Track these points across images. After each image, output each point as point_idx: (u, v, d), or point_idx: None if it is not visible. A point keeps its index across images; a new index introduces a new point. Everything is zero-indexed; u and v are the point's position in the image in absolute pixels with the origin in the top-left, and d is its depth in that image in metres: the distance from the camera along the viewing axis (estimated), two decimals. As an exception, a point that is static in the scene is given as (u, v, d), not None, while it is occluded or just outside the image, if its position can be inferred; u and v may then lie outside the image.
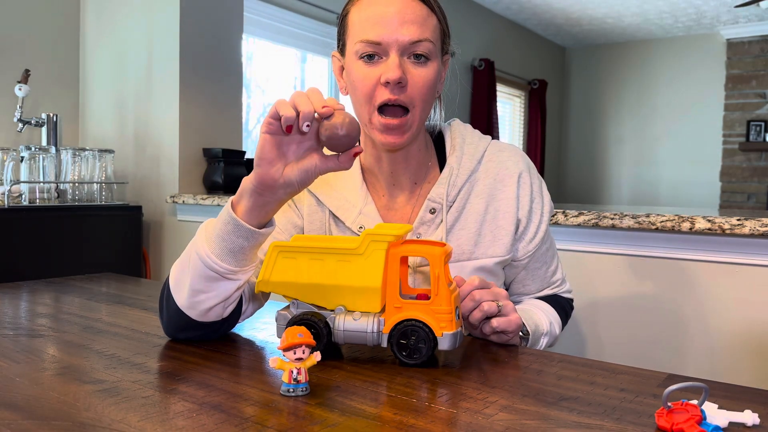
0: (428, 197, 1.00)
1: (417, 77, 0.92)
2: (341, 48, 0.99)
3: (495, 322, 0.87)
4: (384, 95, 0.92)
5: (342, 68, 1.00)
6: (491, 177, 1.03)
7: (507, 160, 1.04)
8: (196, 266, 0.82)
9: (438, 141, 1.08)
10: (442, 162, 1.05)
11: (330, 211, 1.02)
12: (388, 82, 0.90)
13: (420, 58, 0.92)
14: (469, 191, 1.02)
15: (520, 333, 0.94)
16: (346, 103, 0.95)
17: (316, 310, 0.81)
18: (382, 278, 0.79)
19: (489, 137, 1.08)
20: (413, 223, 1.01)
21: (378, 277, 0.78)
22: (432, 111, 1.04)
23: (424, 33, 0.91)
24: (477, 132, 1.09)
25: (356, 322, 0.79)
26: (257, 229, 0.81)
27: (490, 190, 1.02)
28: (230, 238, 0.80)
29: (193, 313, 0.85)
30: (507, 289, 1.13)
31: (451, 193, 1.00)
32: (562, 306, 1.11)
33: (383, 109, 0.93)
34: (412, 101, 0.93)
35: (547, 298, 1.10)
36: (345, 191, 1.02)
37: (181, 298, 0.85)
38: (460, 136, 1.06)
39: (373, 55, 0.92)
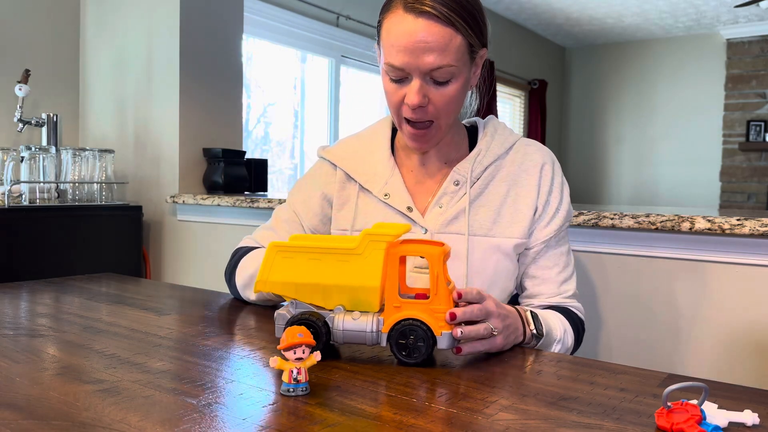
0: (454, 169, 1.08)
1: (439, 97, 0.98)
2: (378, 49, 1.04)
3: (480, 346, 0.83)
4: (408, 113, 1.00)
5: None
6: (516, 165, 1.09)
7: (533, 153, 1.10)
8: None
9: (472, 132, 1.15)
10: (473, 148, 1.12)
11: (359, 184, 1.12)
12: (408, 105, 0.98)
13: (441, 82, 0.97)
14: (493, 174, 1.08)
15: (533, 331, 0.93)
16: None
17: (314, 309, 0.81)
18: (381, 278, 0.79)
19: (520, 134, 1.15)
20: (437, 193, 1.07)
21: (377, 277, 0.78)
22: (466, 100, 1.10)
23: (444, 59, 0.95)
24: (510, 128, 1.16)
25: (355, 322, 0.79)
26: None
27: (514, 177, 1.08)
28: None
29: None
30: (517, 295, 1.13)
31: (476, 170, 1.07)
32: (576, 323, 1.08)
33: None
34: (435, 116, 1.00)
35: (561, 312, 1.07)
36: (373, 164, 1.12)
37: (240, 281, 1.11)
38: (493, 127, 1.13)
39: (398, 78, 0.98)
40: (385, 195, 1.09)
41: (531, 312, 0.96)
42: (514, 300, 1.13)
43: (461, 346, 0.81)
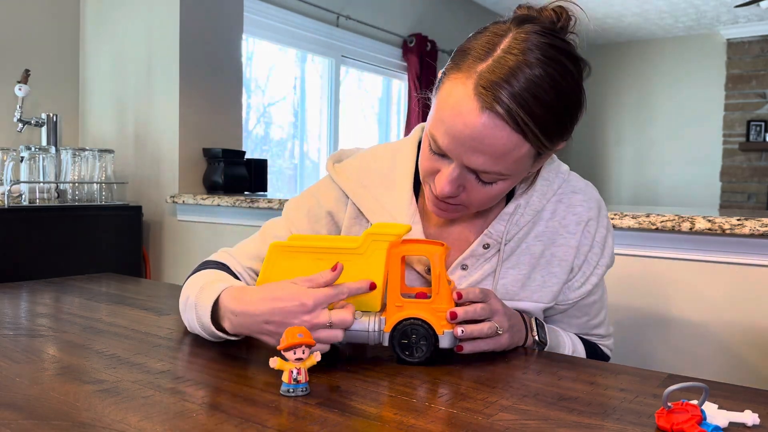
0: (485, 232, 0.92)
1: (476, 193, 0.83)
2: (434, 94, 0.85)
3: (484, 345, 0.81)
4: (436, 190, 0.83)
5: None
6: (557, 221, 0.94)
7: (578, 205, 0.95)
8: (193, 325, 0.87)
9: None
10: (510, 193, 0.94)
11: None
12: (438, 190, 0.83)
13: (485, 181, 0.81)
14: (529, 230, 0.93)
15: (536, 338, 0.90)
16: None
17: None
18: (383, 277, 0.79)
19: (566, 168, 0.98)
20: (462, 254, 0.93)
21: (379, 276, 0.78)
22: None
23: (496, 167, 0.78)
24: (555, 163, 0.98)
25: (357, 322, 0.79)
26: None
27: (552, 234, 0.93)
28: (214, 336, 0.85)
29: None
30: None
31: (510, 231, 0.92)
32: (595, 351, 1.01)
33: None
34: (467, 205, 0.85)
35: (583, 341, 1.01)
36: (392, 208, 0.95)
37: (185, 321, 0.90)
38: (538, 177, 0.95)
39: (438, 152, 0.81)
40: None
41: (537, 320, 0.93)
42: None
43: (464, 344, 0.80)
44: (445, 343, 0.78)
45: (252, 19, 3.35)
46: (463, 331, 0.78)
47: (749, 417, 0.61)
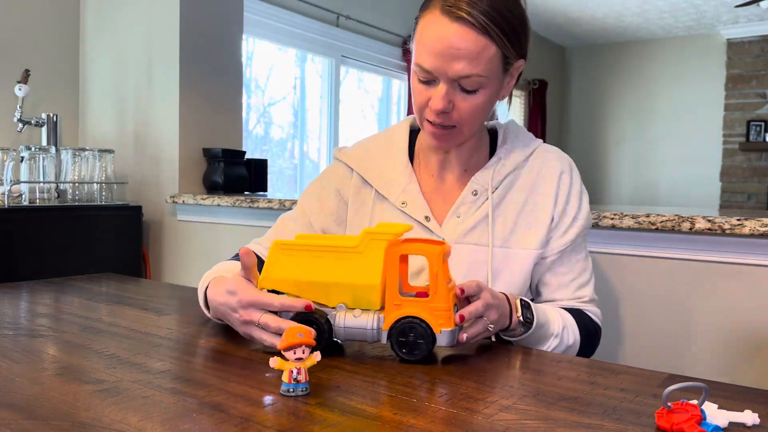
0: (472, 179, 1.05)
1: (464, 105, 0.96)
2: (412, 47, 1.02)
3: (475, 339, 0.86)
4: (431, 116, 0.97)
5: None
6: (535, 173, 1.06)
7: (552, 160, 1.08)
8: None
9: (493, 135, 1.13)
10: (493, 152, 1.10)
11: (376, 190, 1.09)
12: (432, 110, 0.96)
13: (469, 90, 0.95)
14: (512, 183, 1.06)
15: (520, 319, 0.92)
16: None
17: (317, 307, 0.81)
18: (382, 276, 0.79)
19: (540, 140, 1.12)
20: (455, 202, 1.05)
21: (377, 275, 0.79)
22: (494, 110, 1.09)
23: (474, 68, 0.92)
24: (530, 134, 1.13)
25: (356, 319, 0.79)
26: None
27: (532, 185, 1.06)
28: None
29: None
30: (533, 300, 1.10)
31: (495, 179, 1.05)
32: (586, 325, 1.06)
33: None
34: (458, 123, 0.98)
35: (572, 313, 1.05)
36: (390, 172, 1.09)
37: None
38: (513, 133, 1.10)
39: (426, 80, 0.95)
40: (402, 203, 1.06)
41: (522, 301, 0.94)
42: None
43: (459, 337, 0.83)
44: (443, 341, 0.79)
45: (252, 19, 3.35)
46: (467, 336, 0.82)
47: (749, 417, 0.61)
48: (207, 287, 0.95)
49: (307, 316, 0.80)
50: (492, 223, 1.03)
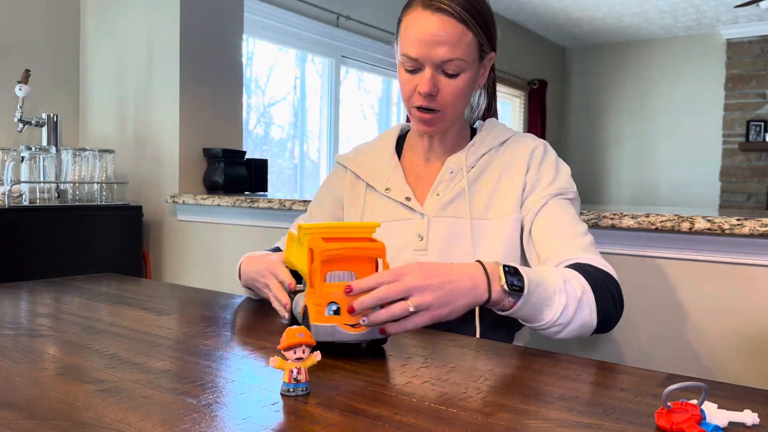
0: (448, 160, 1.16)
1: (448, 88, 1.07)
2: (396, 46, 1.13)
3: (400, 327, 0.80)
4: (418, 101, 1.08)
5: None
6: (509, 154, 1.15)
7: (526, 142, 1.16)
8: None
9: (475, 131, 1.23)
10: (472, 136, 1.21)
11: (366, 182, 1.21)
12: (420, 93, 1.06)
13: (451, 74, 1.06)
14: (487, 163, 1.15)
15: (506, 287, 0.85)
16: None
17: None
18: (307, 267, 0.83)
19: (519, 131, 1.22)
20: (433, 183, 1.15)
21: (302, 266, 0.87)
22: (473, 99, 1.22)
23: (455, 53, 1.04)
24: (509, 128, 1.22)
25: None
26: None
27: (506, 165, 1.14)
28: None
29: None
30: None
31: (469, 159, 1.15)
32: (592, 274, 0.95)
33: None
34: (443, 106, 1.08)
35: (569, 266, 0.97)
36: (377, 165, 1.22)
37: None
38: (491, 125, 1.20)
39: (412, 68, 1.07)
40: (387, 189, 1.17)
41: (506, 267, 0.87)
42: None
43: (384, 327, 0.80)
44: (318, 336, 0.78)
45: (252, 19, 3.35)
46: (365, 319, 0.78)
47: (749, 417, 0.61)
48: (241, 264, 1.18)
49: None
50: (468, 197, 1.12)
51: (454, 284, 0.82)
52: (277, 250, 1.29)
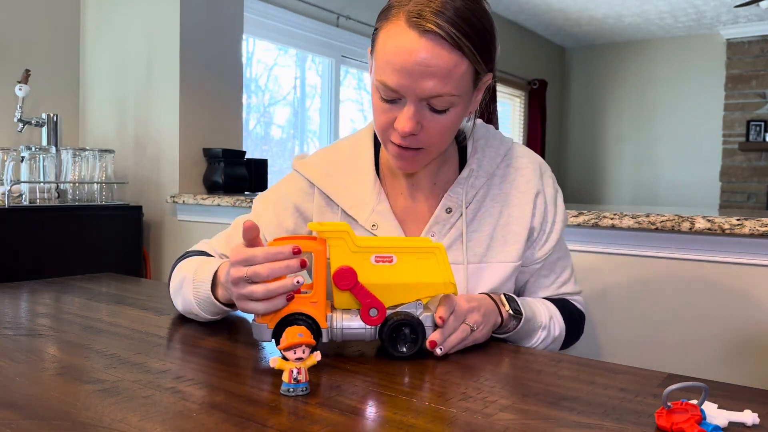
0: (445, 195, 1.00)
1: (433, 125, 0.88)
2: (371, 57, 0.92)
3: (462, 345, 0.85)
4: (396, 138, 0.90)
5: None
6: (508, 183, 1.02)
7: (524, 167, 1.03)
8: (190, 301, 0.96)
9: (460, 141, 1.06)
10: (462, 162, 1.04)
11: (342, 210, 1.01)
12: (399, 131, 0.88)
13: (439, 110, 0.87)
14: (485, 194, 1.01)
15: (510, 312, 0.92)
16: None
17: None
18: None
19: (511, 140, 1.07)
20: (428, 221, 1.00)
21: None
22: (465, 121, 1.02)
23: (446, 87, 0.84)
24: (499, 134, 1.07)
25: None
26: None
27: (506, 196, 1.01)
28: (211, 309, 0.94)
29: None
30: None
31: (469, 193, 1.00)
32: (570, 312, 1.06)
33: None
34: (427, 145, 0.90)
35: (554, 302, 1.06)
36: (358, 190, 1.01)
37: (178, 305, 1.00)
38: (483, 138, 1.04)
39: (390, 98, 0.87)
40: (373, 225, 0.99)
41: (506, 295, 0.95)
42: None
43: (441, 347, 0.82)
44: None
45: (252, 19, 3.35)
46: (441, 349, 0.82)
47: (749, 417, 0.61)
48: (216, 273, 0.91)
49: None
50: (468, 241, 0.99)
51: (485, 308, 0.89)
52: (203, 254, 1.05)
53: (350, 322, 0.80)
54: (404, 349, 0.81)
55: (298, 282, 0.77)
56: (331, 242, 0.79)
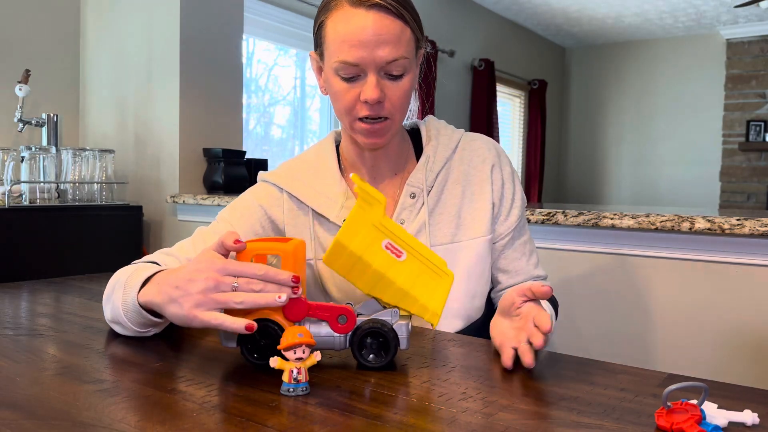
0: (407, 182, 1.06)
1: (394, 91, 0.96)
2: (320, 53, 1.01)
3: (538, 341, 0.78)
4: (364, 111, 0.96)
5: (320, 69, 1.03)
6: (465, 163, 1.09)
7: (479, 148, 1.10)
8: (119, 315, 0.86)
9: (414, 135, 1.14)
10: (418, 153, 1.11)
11: (313, 210, 1.06)
12: (367, 101, 0.95)
13: (396, 76, 0.95)
14: (446, 178, 1.07)
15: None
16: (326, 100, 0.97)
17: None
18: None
19: (462, 130, 1.14)
20: (395, 209, 1.06)
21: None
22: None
23: (398, 51, 0.94)
24: (451, 126, 1.15)
25: None
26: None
27: (465, 176, 1.08)
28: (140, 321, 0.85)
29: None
30: (492, 288, 1.13)
31: (429, 178, 1.06)
32: (554, 301, 1.13)
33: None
34: (391, 113, 0.98)
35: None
36: (324, 189, 1.07)
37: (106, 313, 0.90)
38: (435, 129, 1.12)
39: (351, 75, 0.95)
40: (344, 221, 1.00)
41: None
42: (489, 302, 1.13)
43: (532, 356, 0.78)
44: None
45: (252, 19, 3.35)
46: (531, 359, 0.77)
47: (749, 417, 0.61)
48: (149, 278, 0.83)
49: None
50: (436, 223, 1.05)
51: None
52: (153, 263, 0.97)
53: (318, 329, 0.75)
54: (371, 357, 0.76)
55: (280, 298, 0.72)
56: (359, 202, 0.76)
